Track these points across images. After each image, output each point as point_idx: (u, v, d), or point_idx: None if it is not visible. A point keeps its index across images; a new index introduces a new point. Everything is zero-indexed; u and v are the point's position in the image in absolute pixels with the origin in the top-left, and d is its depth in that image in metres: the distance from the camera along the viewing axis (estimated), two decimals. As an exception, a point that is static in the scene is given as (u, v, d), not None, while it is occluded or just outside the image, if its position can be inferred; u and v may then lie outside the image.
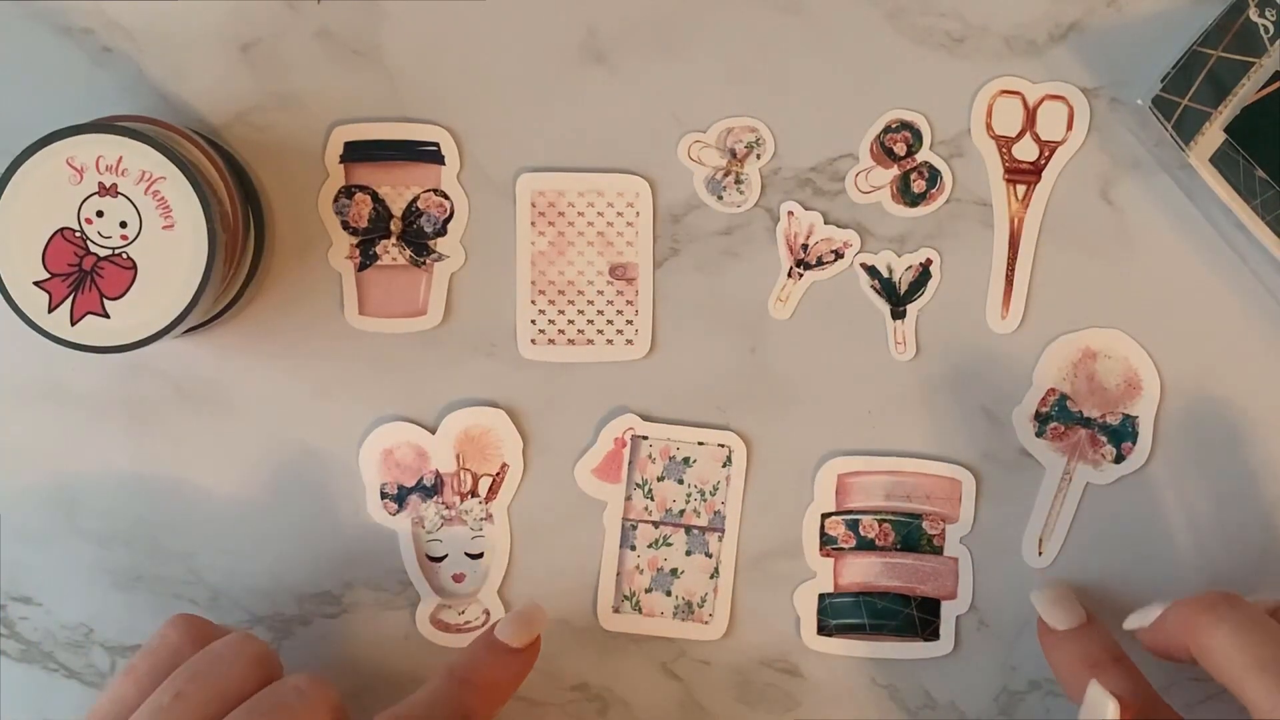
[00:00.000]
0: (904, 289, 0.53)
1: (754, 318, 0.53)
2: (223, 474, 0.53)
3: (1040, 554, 0.53)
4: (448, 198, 0.52)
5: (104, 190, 0.46)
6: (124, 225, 0.46)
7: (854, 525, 0.53)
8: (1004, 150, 0.52)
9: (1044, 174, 0.52)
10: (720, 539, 0.54)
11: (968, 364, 0.53)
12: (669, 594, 0.54)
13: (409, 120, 0.52)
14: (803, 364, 0.53)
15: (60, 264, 0.46)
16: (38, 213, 0.46)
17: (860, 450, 0.53)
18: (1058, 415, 0.53)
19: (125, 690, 0.45)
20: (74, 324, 0.46)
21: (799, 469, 0.53)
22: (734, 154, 0.52)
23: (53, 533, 0.53)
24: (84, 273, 0.46)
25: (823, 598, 0.54)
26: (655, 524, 0.54)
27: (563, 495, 0.53)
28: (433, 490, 0.53)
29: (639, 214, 0.53)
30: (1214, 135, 0.50)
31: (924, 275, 0.53)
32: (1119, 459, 0.53)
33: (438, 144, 0.52)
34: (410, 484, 0.53)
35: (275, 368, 0.53)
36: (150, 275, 0.46)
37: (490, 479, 0.53)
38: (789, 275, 0.53)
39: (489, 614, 0.53)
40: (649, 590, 0.54)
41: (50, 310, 0.46)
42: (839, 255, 0.53)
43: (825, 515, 0.53)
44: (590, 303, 0.53)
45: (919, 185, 0.52)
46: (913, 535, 0.53)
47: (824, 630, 0.54)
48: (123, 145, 0.45)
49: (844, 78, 0.52)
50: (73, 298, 0.46)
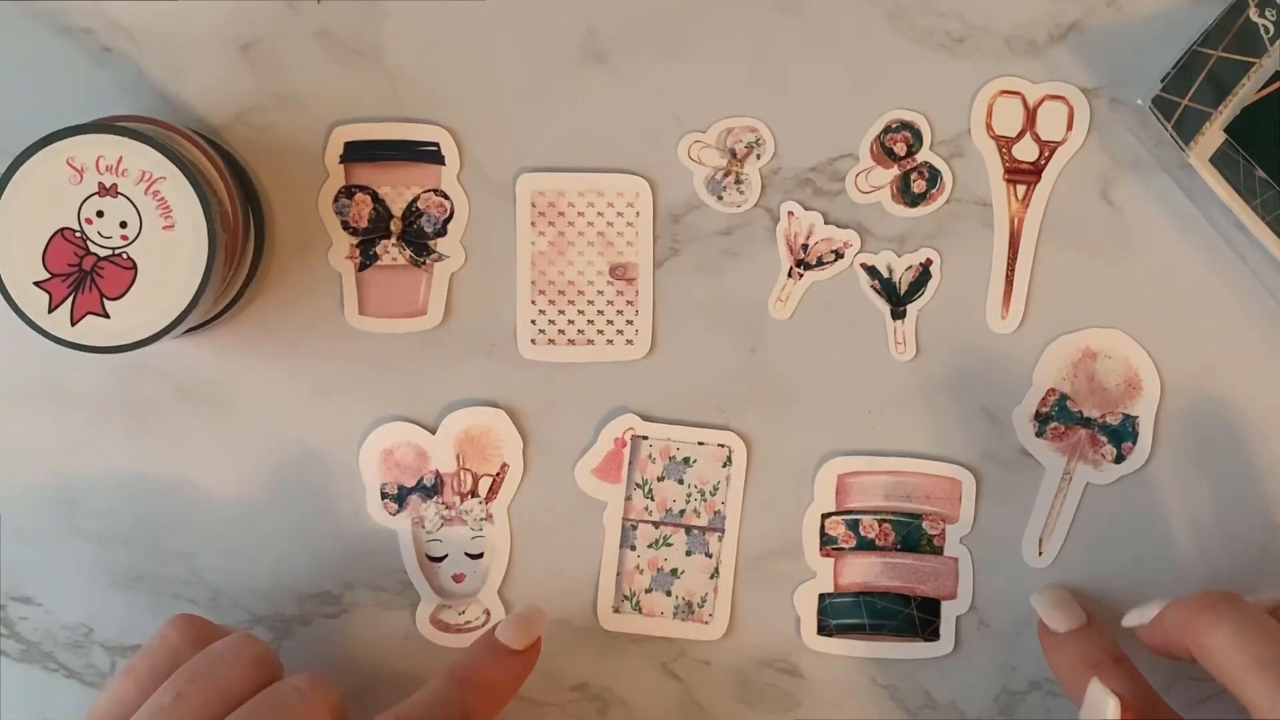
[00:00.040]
0: (904, 289, 0.53)
1: (754, 318, 0.53)
2: (223, 474, 0.53)
3: (1040, 554, 0.53)
4: (448, 198, 0.52)
5: (104, 190, 0.46)
6: (124, 225, 0.46)
7: (854, 525, 0.53)
8: (1004, 150, 0.52)
9: (1044, 174, 0.52)
10: (720, 539, 0.54)
11: (968, 364, 0.53)
12: (669, 594, 0.54)
13: (409, 120, 0.52)
14: (803, 364, 0.53)
15: (60, 264, 0.46)
16: (38, 213, 0.46)
17: (860, 450, 0.53)
18: (1058, 415, 0.53)
19: (125, 690, 0.45)
20: (74, 324, 0.46)
21: (799, 469, 0.53)
22: (734, 154, 0.52)
23: (53, 533, 0.53)
24: (84, 273, 0.46)
25: (823, 598, 0.54)
26: (655, 524, 0.54)
27: (563, 495, 0.53)
28: (433, 490, 0.53)
29: (639, 214, 0.53)
30: (1214, 135, 0.50)
31: (924, 275, 0.53)
32: (1119, 459, 0.53)
33: (438, 144, 0.52)
34: (410, 484, 0.53)
35: (275, 368, 0.53)
36: (150, 275, 0.46)
37: (490, 479, 0.53)
38: (789, 275, 0.53)
39: (489, 614, 0.53)
40: (649, 590, 0.54)
41: (50, 310, 0.46)
42: (839, 255, 0.53)
43: (825, 515, 0.53)
44: (590, 303, 0.53)
45: (919, 185, 0.52)
46: (913, 535, 0.53)
47: (824, 630, 0.54)
48: (123, 145, 0.45)
49: (844, 78, 0.52)
50: (73, 298, 0.46)
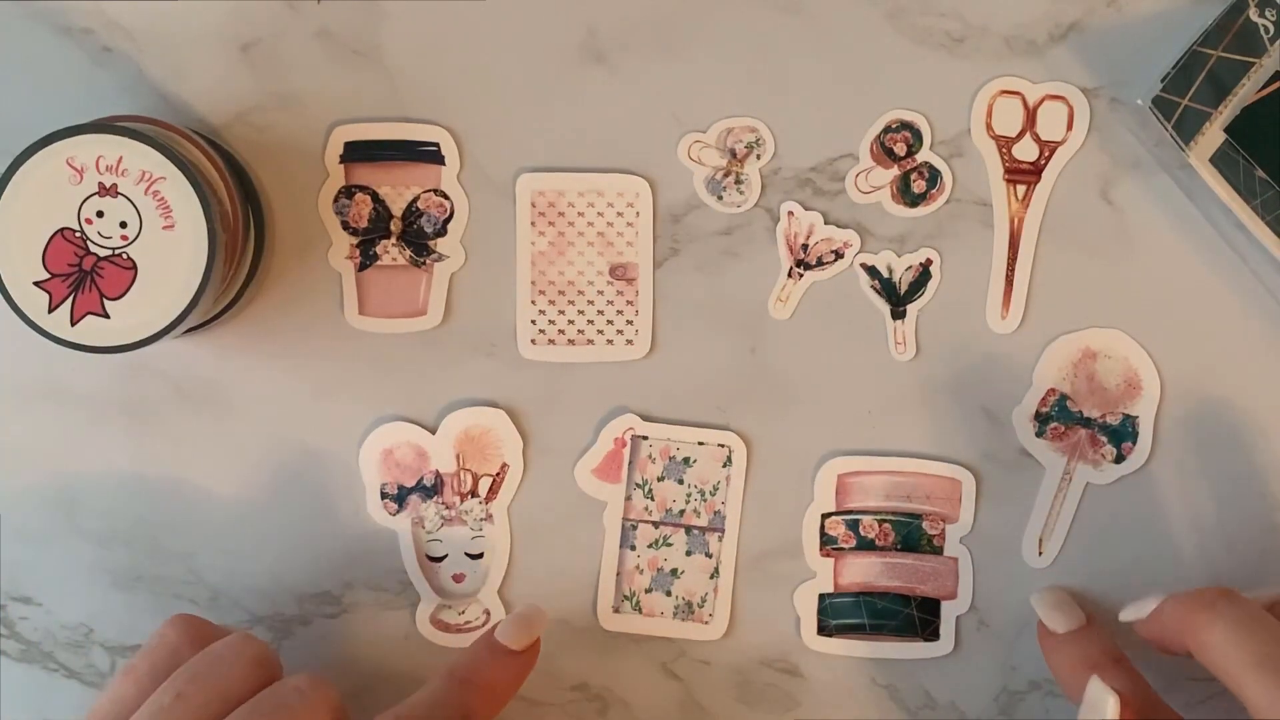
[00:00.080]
0: (904, 289, 0.53)
1: (754, 318, 0.53)
2: (223, 474, 0.53)
3: (1040, 554, 0.53)
4: (448, 198, 0.52)
5: (104, 190, 0.46)
6: (124, 225, 0.46)
7: (854, 525, 0.53)
8: (1004, 150, 0.52)
9: (1044, 174, 0.52)
10: (720, 539, 0.53)
11: (968, 364, 0.53)
12: (669, 594, 0.54)
13: (409, 120, 0.52)
14: (803, 364, 0.53)
15: (60, 264, 0.46)
16: (38, 213, 0.46)
17: (860, 450, 0.53)
18: (1058, 415, 0.53)
19: (125, 691, 0.45)
20: (74, 324, 0.46)
21: (799, 469, 0.53)
22: (734, 154, 0.52)
23: (53, 533, 0.53)
24: (84, 273, 0.46)
25: (823, 598, 0.54)
26: (655, 524, 0.54)
27: (563, 495, 0.53)
28: (433, 490, 0.53)
29: (639, 214, 0.53)
30: (1214, 135, 0.50)
31: (924, 275, 0.53)
32: (1119, 459, 0.53)
33: (438, 144, 0.52)
34: (410, 484, 0.53)
35: (275, 368, 0.53)
36: (150, 275, 0.46)
37: (490, 479, 0.53)
38: (789, 275, 0.53)
39: (489, 614, 0.53)
40: (649, 590, 0.54)
41: (50, 310, 0.46)
42: (839, 255, 0.53)
43: (825, 515, 0.53)
44: (590, 303, 0.53)
45: (919, 185, 0.52)
46: (913, 535, 0.53)
47: (824, 630, 0.54)
48: (123, 145, 0.45)
49: (844, 78, 0.52)
50: (73, 298, 0.46)
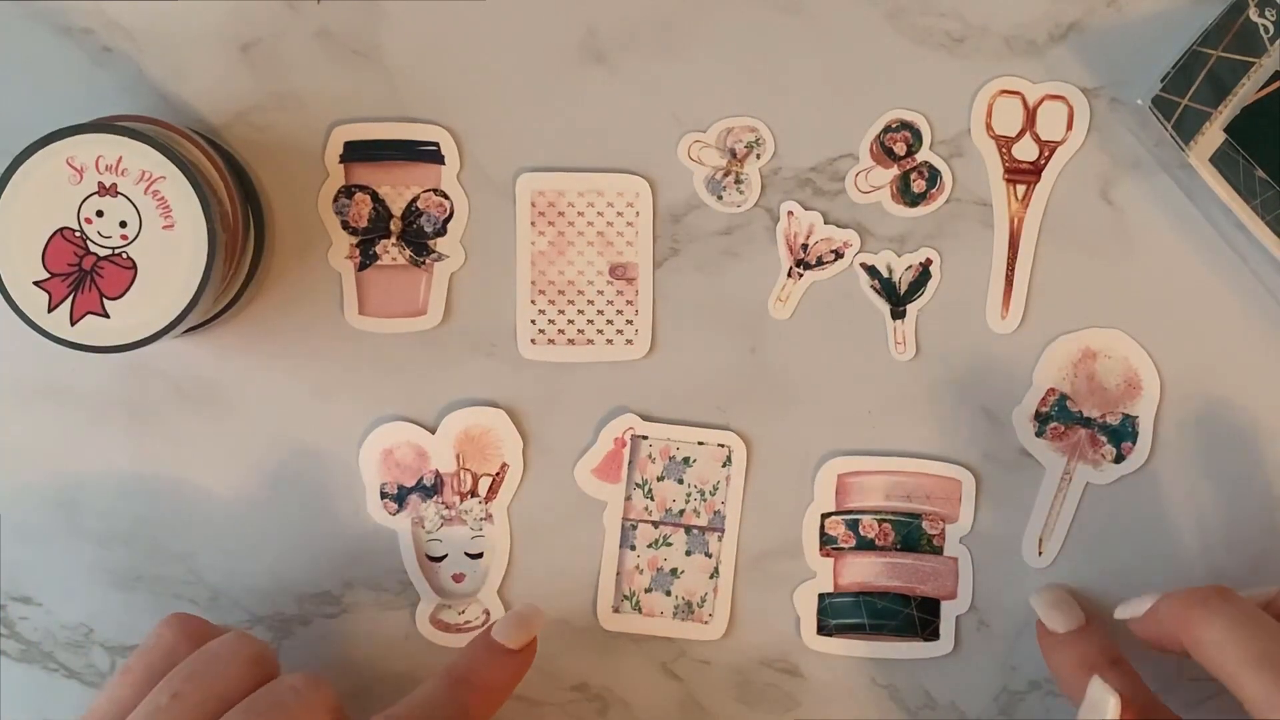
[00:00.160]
0: (904, 289, 0.53)
1: (754, 318, 0.53)
2: (223, 474, 0.53)
3: (1040, 554, 0.53)
4: (448, 198, 0.52)
5: (104, 190, 0.46)
6: (124, 225, 0.46)
7: (854, 525, 0.53)
8: (1004, 150, 0.52)
9: (1044, 174, 0.52)
10: (720, 539, 0.53)
11: (968, 364, 0.53)
12: (669, 594, 0.54)
13: (409, 120, 0.52)
14: (803, 364, 0.53)
15: (60, 264, 0.46)
16: (38, 213, 0.46)
17: (860, 450, 0.53)
18: (1058, 415, 0.53)
19: (122, 690, 0.45)
20: (74, 324, 0.46)
21: (799, 469, 0.53)
22: (734, 154, 0.52)
23: (53, 533, 0.53)
24: (84, 273, 0.46)
25: (823, 598, 0.53)
26: (655, 524, 0.54)
27: (563, 495, 0.53)
28: (433, 490, 0.53)
29: (639, 214, 0.53)
30: (1214, 135, 0.50)
31: (924, 275, 0.53)
32: (1119, 459, 0.53)
33: (438, 144, 0.52)
34: (410, 484, 0.53)
35: (275, 368, 0.53)
36: (150, 275, 0.46)
37: (490, 479, 0.53)
38: (789, 275, 0.53)
39: (489, 614, 0.53)
40: (649, 590, 0.54)
41: (50, 310, 0.46)
42: (839, 255, 0.53)
43: (825, 515, 0.53)
44: (590, 303, 0.53)
45: (919, 185, 0.52)
46: (913, 535, 0.53)
47: (824, 630, 0.54)
48: (123, 145, 0.45)
49: (844, 78, 0.52)
50: (73, 298, 0.46)
